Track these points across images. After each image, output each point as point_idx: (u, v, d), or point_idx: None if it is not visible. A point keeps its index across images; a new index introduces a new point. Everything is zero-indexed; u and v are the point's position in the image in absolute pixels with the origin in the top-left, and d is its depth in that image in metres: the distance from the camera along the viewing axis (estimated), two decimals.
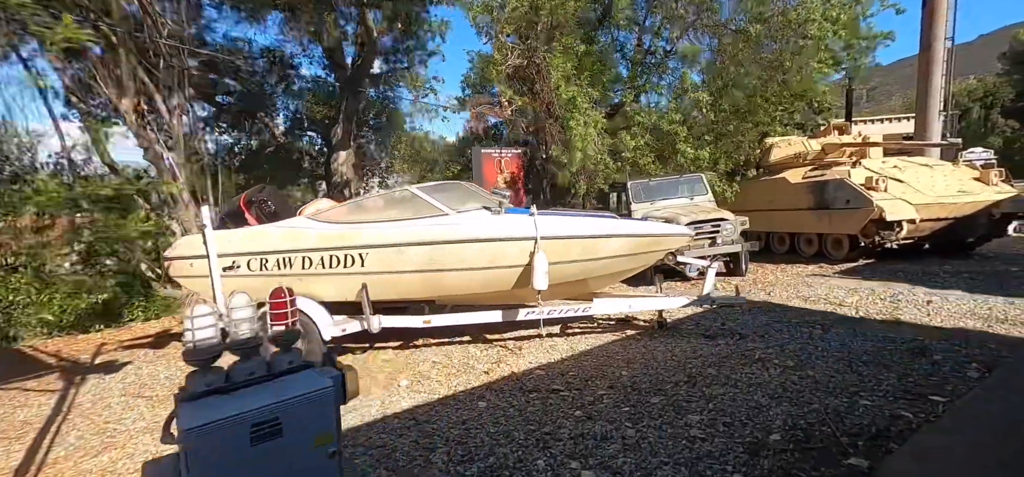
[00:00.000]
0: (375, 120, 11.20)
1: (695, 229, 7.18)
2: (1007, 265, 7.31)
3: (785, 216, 9.39)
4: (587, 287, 4.81)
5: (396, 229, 4.19)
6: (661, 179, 8.65)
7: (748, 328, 4.91)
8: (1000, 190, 7.74)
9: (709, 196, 8.39)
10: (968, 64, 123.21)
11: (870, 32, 15.53)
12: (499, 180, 9.11)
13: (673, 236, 4.56)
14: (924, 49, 11.17)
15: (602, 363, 4.18)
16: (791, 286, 6.86)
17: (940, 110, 11.11)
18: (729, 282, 7.41)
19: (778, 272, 8.05)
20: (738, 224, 7.29)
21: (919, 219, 7.45)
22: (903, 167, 8.35)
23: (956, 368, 3.60)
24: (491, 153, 9.02)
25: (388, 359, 4.54)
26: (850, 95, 18.61)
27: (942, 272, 6.98)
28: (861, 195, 7.64)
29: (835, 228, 8.26)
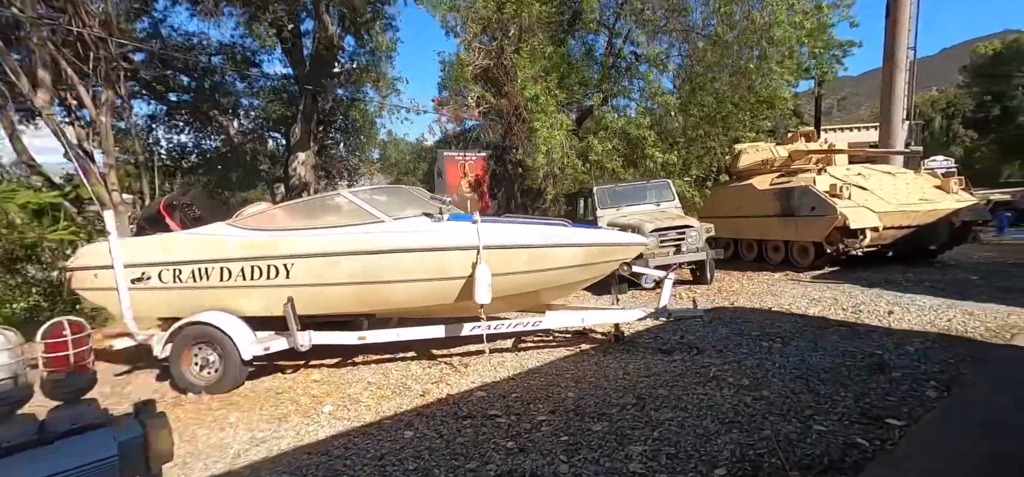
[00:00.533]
0: (343, 121, 10.74)
1: (659, 236, 6.99)
2: (967, 273, 7.33)
3: (752, 223, 9.32)
4: (540, 299, 4.52)
5: (326, 237, 3.82)
6: (627, 184, 8.46)
7: (707, 342, 4.69)
8: (960, 198, 7.78)
9: (676, 202, 8.23)
10: (931, 76, 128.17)
11: (832, 40, 15.81)
12: (463, 184, 8.79)
13: (628, 245, 4.31)
14: (887, 59, 11.33)
15: (549, 382, 3.89)
16: (756, 295, 6.72)
17: (903, 119, 11.27)
18: (693, 290, 7.24)
19: (744, 280, 7.92)
20: (703, 231, 7.13)
21: (882, 227, 7.42)
22: (867, 175, 8.36)
23: (914, 387, 3.42)
24: (455, 156, 8.69)
25: (319, 380, 4.15)
26: (819, 103, 18.94)
27: (904, 280, 6.94)
28: (825, 202, 7.58)
29: (801, 235, 8.20)
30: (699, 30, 9.19)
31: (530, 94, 7.90)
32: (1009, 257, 8.82)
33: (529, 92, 7.91)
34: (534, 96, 7.82)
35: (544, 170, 8.85)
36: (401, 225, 3.88)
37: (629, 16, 9.20)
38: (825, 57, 17.17)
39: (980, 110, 47.81)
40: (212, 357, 3.82)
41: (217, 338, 3.76)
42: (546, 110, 7.76)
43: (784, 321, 5.27)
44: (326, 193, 4.20)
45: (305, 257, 3.77)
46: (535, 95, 7.57)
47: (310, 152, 9.93)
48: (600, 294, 6.94)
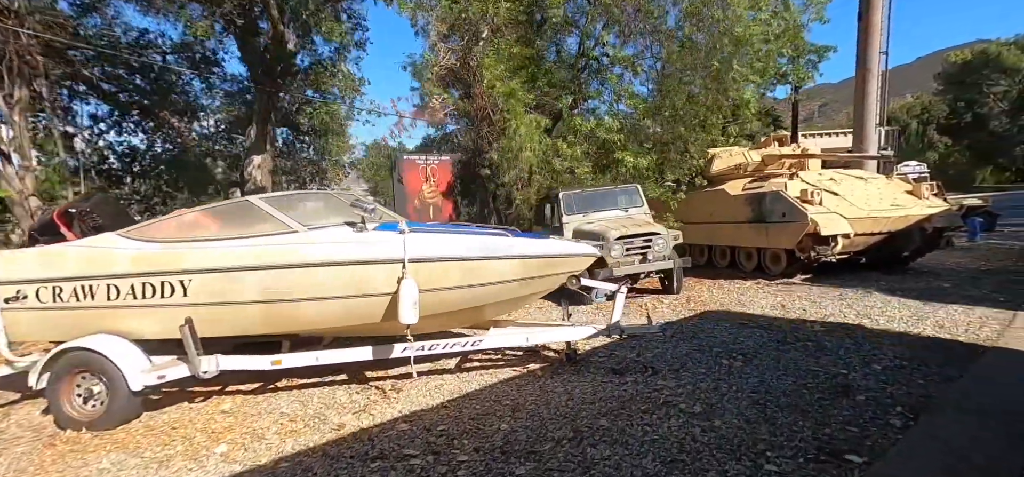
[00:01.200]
0: (309, 123, 10.24)
1: (624, 244, 6.67)
2: (940, 280, 7.15)
3: (725, 229, 9.07)
4: (484, 315, 4.13)
5: (229, 250, 3.38)
6: (595, 190, 8.13)
7: (665, 360, 4.35)
8: (932, 204, 7.62)
9: (645, 208, 7.93)
10: (906, 83, 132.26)
11: (806, 45, 15.80)
12: (425, 190, 8.37)
13: (576, 256, 3.94)
14: (860, 64, 11.26)
15: (485, 410, 3.49)
16: (724, 305, 6.42)
17: (877, 124, 11.20)
18: (661, 300, 6.93)
19: (715, 288, 7.64)
20: (670, 238, 6.83)
21: (854, 234, 7.21)
22: (839, 180, 8.17)
23: (879, 414, 3.11)
24: (417, 160, 8.28)
25: (228, 410, 3.69)
26: (796, 109, 18.98)
27: (876, 288, 6.71)
28: (796, 208, 7.35)
29: (772, 242, 7.96)
30: (670, 31, 8.93)
31: (505, 91, 7.52)
32: (981, 262, 8.71)
33: (502, 89, 7.54)
34: (511, 92, 7.44)
35: (515, 174, 8.49)
36: (317, 236, 3.45)
37: (597, 18, 8.91)
38: (801, 63, 17.27)
39: (954, 117, 49.07)
40: (97, 388, 3.34)
41: (101, 366, 3.28)
42: (515, 112, 7.39)
43: (748, 335, 4.96)
44: (233, 199, 3.74)
45: (204, 272, 3.32)
46: (511, 91, 7.18)
47: (267, 155, 9.42)
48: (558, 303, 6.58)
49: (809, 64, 17.12)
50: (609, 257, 6.61)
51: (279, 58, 8.31)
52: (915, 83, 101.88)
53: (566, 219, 7.64)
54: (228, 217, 3.64)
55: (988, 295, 6.03)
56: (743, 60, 8.31)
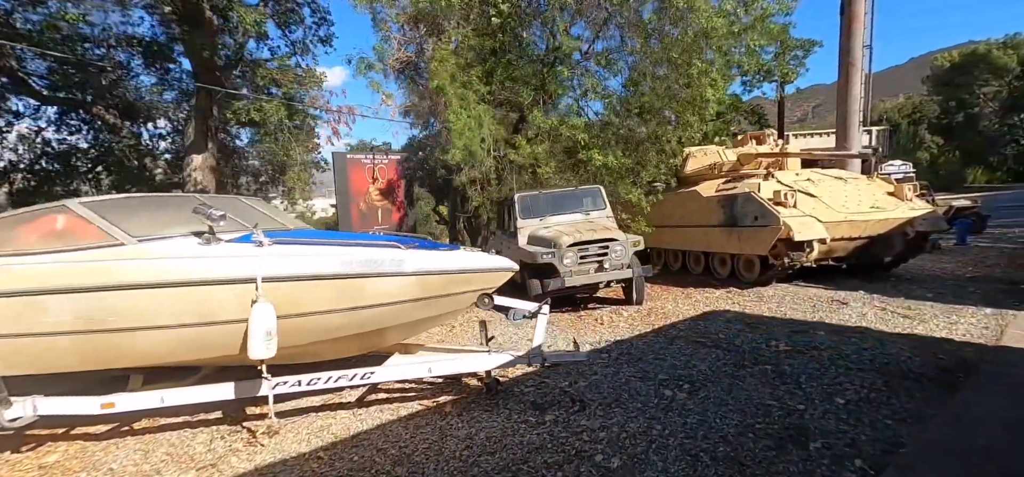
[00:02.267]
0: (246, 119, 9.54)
1: (578, 252, 6.05)
2: (923, 288, 6.58)
3: (697, 233, 8.48)
4: (383, 340, 3.49)
5: (33, 266, 2.73)
6: (554, 191, 7.51)
7: (599, 390, 3.73)
8: (914, 206, 7.06)
9: (608, 211, 7.32)
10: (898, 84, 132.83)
11: (790, 40, 15.30)
12: (372, 191, 7.73)
13: (487, 272, 3.32)
14: (843, 58, 10.72)
15: (363, 463, 2.86)
16: (686, 319, 5.81)
17: (860, 121, 10.66)
18: (620, 313, 6.31)
19: (682, 298, 7.04)
20: (630, 245, 6.21)
21: (829, 238, 6.63)
22: (816, 180, 7.59)
23: (834, 465, 2.51)
24: (362, 160, 7.62)
25: (50, 464, 3.04)
26: (782, 105, 18.49)
27: (853, 299, 6.13)
28: (768, 211, 6.76)
29: (744, 247, 7.37)
30: (637, 20, 8.32)
31: (443, 79, 6.90)
32: (968, 268, 8.16)
33: (441, 78, 6.91)
34: (447, 80, 6.81)
35: (466, 174, 7.87)
36: (150, 249, 2.80)
37: (556, 7, 8.28)
38: (787, 58, 16.77)
39: (945, 117, 48.96)
40: None
41: None
42: (451, 103, 6.75)
43: (704, 357, 4.35)
44: (46, 204, 3.08)
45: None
46: (440, 86, 6.54)
47: (208, 154, 8.74)
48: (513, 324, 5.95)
49: (795, 60, 16.64)
50: (561, 266, 6.00)
51: (213, 49, 7.63)
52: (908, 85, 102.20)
53: (521, 223, 7.02)
54: (39, 225, 2.98)
55: (972, 308, 5.46)
56: (706, 54, 7.68)
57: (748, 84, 17.62)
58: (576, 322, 6.02)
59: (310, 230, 3.51)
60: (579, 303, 6.97)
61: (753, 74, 15.56)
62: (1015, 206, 20.60)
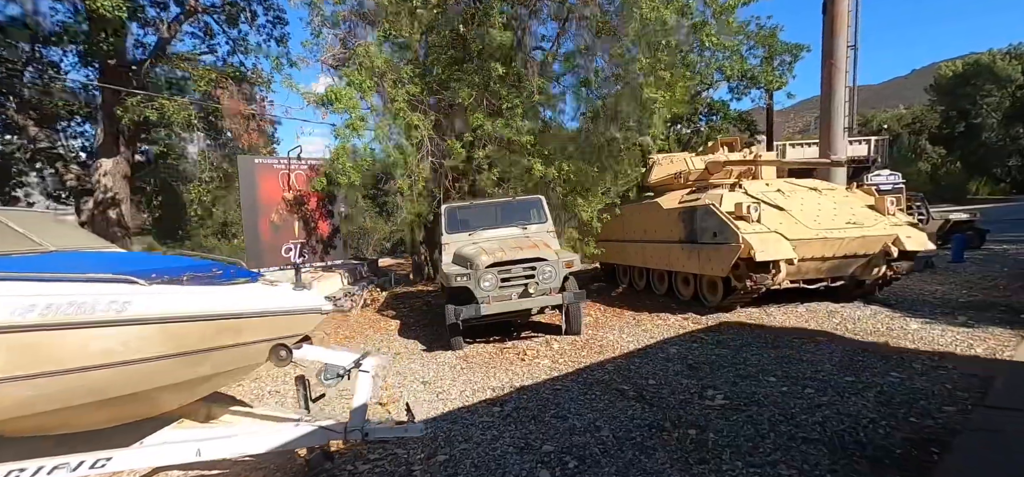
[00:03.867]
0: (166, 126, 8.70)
1: (497, 273, 5.18)
2: (905, 318, 5.66)
3: (659, 250, 7.61)
4: (145, 409, 2.58)
5: None
6: (486, 202, 6.68)
7: (460, 467, 2.85)
8: (897, 221, 6.17)
9: (549, 224, 6.46)
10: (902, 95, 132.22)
11: (778, 45, 14.48)
12: (286, 200, 6.89)
13: (280, 315, 2.45)
14: (826, 59, 9.89)
15: None
16: (623, 354, 4.93)
17: (845, 126, 9.80)
18: (553, 343, 5.42)
19: (630, 327, 6.15)
20: (562, 265, 5.34)
21: (797, 259, 5.75)
22: (788, 192, 6.72)
23: None
24: (274, 164, 6.78)
25: None
26: (770, 113, 17.65)
27: (820, 332, 5.24)
28: (728, 227, 5.89)
29: (705, 267, 6.49)
30: (593, 17, 7.50)
31: (349, 76, 6.09)
32: (963, 291, 7.24)
33: (349, 75, 6.09)
34: (351, 83, 5.99)
35: (401, 182, 7.04)
36: None
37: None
38: (775, 64, 15.96)
39: (946, 127, 48.01)
40: None
41: None
42: (347, 98, 5.89)
43: (614, 415, 3.47)
44: None
45: None
46: (351, 81, 5.68)
47: (120, 159, 7.95)
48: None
49: (783, 66, 15.82)
50: (477, 290, 5.14)
51: (113, 48, 6.84)
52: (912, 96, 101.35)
53: (447, 238, 6.17)
54: None
55: (963, 343, 4.56)
56: (653, 51, 6.81)
57: (736, 92, 16.83)
58: (495, 357, 5.14)
59: (65, 254, 2.66)
60: (512, 331, 6.10)
61: (737, 80, 14.73)
62: (1018, 219, 19.62)
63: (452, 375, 4.58)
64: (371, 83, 6.48)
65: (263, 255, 6.84)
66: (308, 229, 6.99)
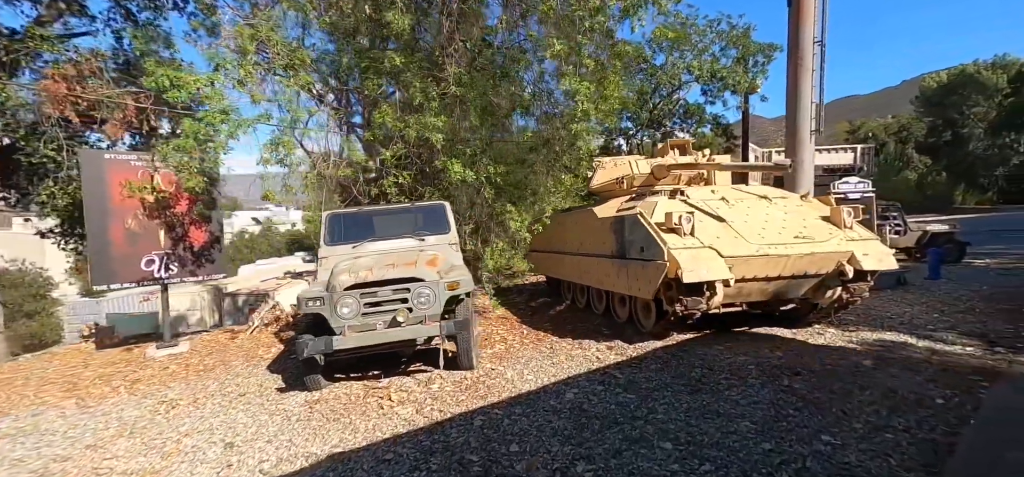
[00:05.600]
0: None
1: (363, 297, 4.23)
2: (859, 353, 4.77)
3: (593, 265, 6.69)
4: None
5: None
6: (376, 209, 5.75)
7: None
8: (853, 236, 5.29)
9: (452, 236, 5.51)
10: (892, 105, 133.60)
11: (751, 45, 13.70)
12: (146, 203, 5.89)
13: None
14: (792, 56, 9.06)
15: None
16: (508, 400, 3.98)
17: (812, 129, 8.96)
18: (431, 382, 4.46)
19: (545, 358, 5.21)
20: (444, 288, 4.37)
21: (734, 279, 4.85)
22: (734, 200, 5.83)
23: None
24: (130, 160, 5.76)
25: None
26: (746, 117, 16.84)
27: (756, 367, 4.32)
28: (655, 242, 4.98)
29: (632, 287, 5.58)
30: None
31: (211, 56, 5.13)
32: (936, 312, 6.39)
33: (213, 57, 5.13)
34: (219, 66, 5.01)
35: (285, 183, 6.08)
36: None
37: None
38: (749, 65, 15.18)
39: (932, 136, 47.83)
40: None
41: None
42: (211, 89, 4.92)
43: None
44: None
45: None
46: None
47: None
48: None
49: (756, 67, 15.04)
50: (334, 318, 4.18)
51: None
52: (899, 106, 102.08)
53: (325, 251, 5.21)
54: None
55: (921, 392, 3.66)
56: (571, 34, 5.87)
57: (709, 95, 16.04)
58: (352, 402, 4.16)
59: None
60: (400, 363, 5.13)
61: (708, 81, 13.92)
62: (1003, 230, 18.95)
63: (277, 430, 3.60)
64: (250, 70, 5.52)
65: (115, 269, 5.82)
66: (176, 238, 5.99)
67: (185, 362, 5.64)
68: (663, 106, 14.88)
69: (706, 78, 13.42)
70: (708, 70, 13.07)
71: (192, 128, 4.77)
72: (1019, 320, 5.83)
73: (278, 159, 5.83)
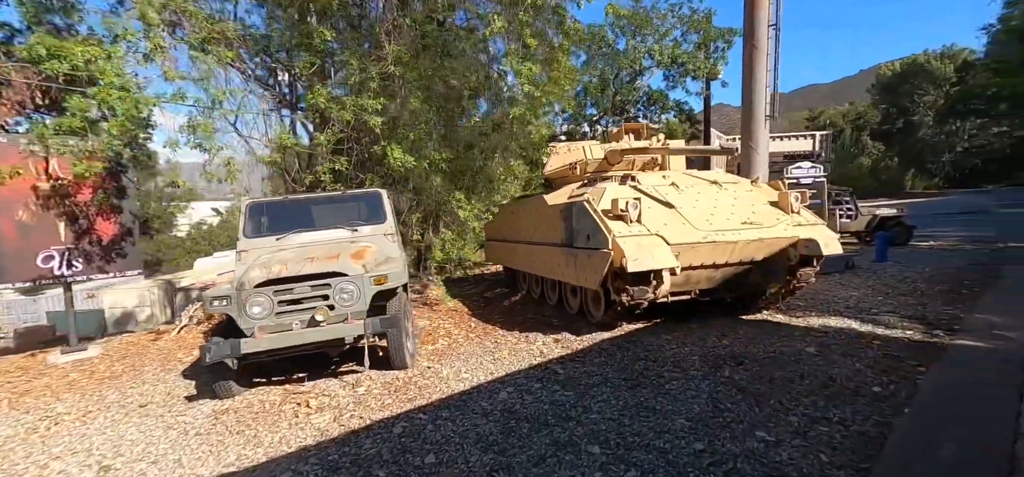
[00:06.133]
0: None
1: (275, 296, 3.83)
2: (805, 338, 4.71)
3: (544, 253, 6.45)
4: None
5: None
6: (303, 197, 5.30)
7: None
8: (800, 220, 5.21)
9: (388, 226, 5.14)
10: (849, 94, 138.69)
11: (711, 30, 13.68)
12: (42, 191, 5.25)
13: None
14: (747, 40, 8.99)
15: None
16: (438, 402, 3.69)
17: (767, 114, 8.94)
18: (359, 384, 4.12)
19: (487, 354, 4.94)
20: (370, 283, 4.02)
21: (680, 267, 4.69)
22: (684, 186, 5.66)
23: None
24: (20, 145, 5.07)
25: None
26: (707, 103, 16.91)
27: (693, 368, 4.17)
28: (600, 230, 4.76)
29: (580, 276, 5.36)
30: None
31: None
32: (880, 295, 6.47)
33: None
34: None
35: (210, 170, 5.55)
36: None
37: None
38: (711, 49, 15.18)
39: (885, 123, 49.94)
40: None
41: None
42: (99, 72, 4.32)
43: None
44: None
45: None
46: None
47: None
48: None
49: (717, 53, 15.05)
50: (242, 318, 3.77)
51: None
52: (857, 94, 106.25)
53: (245, 244, 4.75)
54: None
55: (859, 381, 3.58)
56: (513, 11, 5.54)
57: (672, 80, 16.01)
58: (268, 409, 3.79)
59: None
60: (330, 364, 4.76)
61: (668, 66, 13.83)
62: (948, 213, 19.88)
63: (168, 448, 3.20)
64: (160, 42, 4.93)
65: (5, 266, 5.19)
66: (80, 231, 5.37)
67: (91, 369, 5.08)
68: (626, 92, 14.72)
69: (667, 63, 13.32)
70: (669, 55, 12.96)
71: (78, 105, 4.19)
72: (957, 301, 5.94)
73: (196, 143, 5.29)
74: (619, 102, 15.12)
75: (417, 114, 6.13)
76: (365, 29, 6.23)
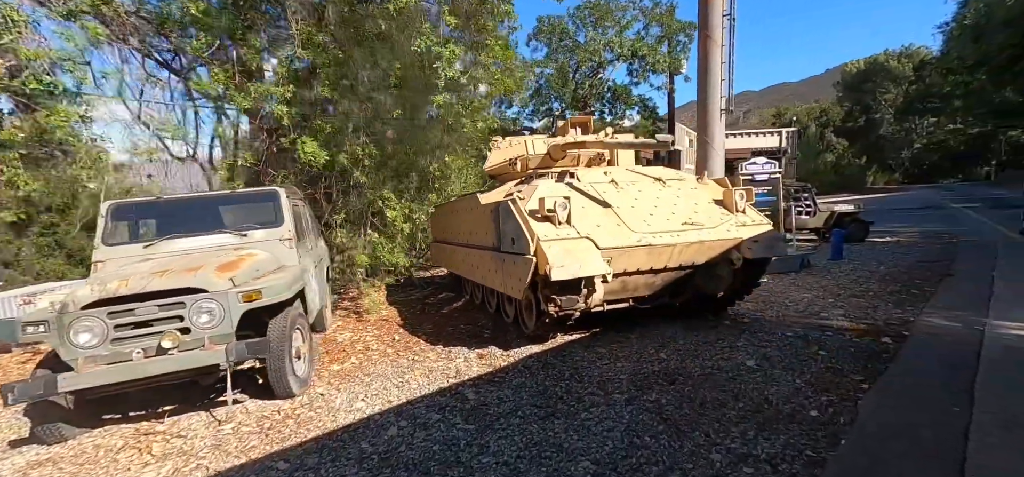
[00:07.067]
0: None
1: (110, 319, 3.15)
2: (746, 350, 4.29)
3: (476, 258, 5.90)
4: None
5: None
6: (179, 198, 4.60)
7: None
8: (744, 221, 4.80)
9: (286, 229, 4.47)
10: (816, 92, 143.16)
11: (674, 23, 13.36)
12: None
13: None
14: (702, 30, 8.63)
15: None
16: (311, 441, 3.09)
17: (723, 107, 8.61)
18: (233, 415, 3.47)
19: (399, 374, 4.35)
20: (236, 300, 3.36)
21: (612, 274, 4.20)
22: (623, 183, 5.19)
23: None
24: None
25: None
26: (672, 97, 16.67)
27: (618, 391, 3.69)
28: (524, 233, 4.23)
29: (507, 284, 4.83)
30: None
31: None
32: (832, 296, 6.17)
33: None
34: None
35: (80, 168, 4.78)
36: None
37: None
38: (674, 43, 14.89)
39: (849, 119, 51.41)
40: None
41: None
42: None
43: None
44: None
45: None
46: None
47: None
48: None
49: (680, 47, 14.77)
50: (65, 348, 3.08)
51: None
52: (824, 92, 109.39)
53: (104, 253, 4.03)
54: None
55: (799, 400, 3.16)
56: None
57: (634, 74, 15.66)
58: (102, 458, 3.12)
59: None
60: (212, 392, 4.09)
61: (629, 59, 13.46)
62: (906, 209, 20.28)
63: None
64: (11, 14, 4.14)
65: None
66: None
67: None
68: (588, 86, 14.30)
69: (627, 56, 12.93)
70: (630, 48, 12.57)
71: None
72: (907, 302, 5.68)
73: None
74: (581, 96, 14.68)
75: (334, 103, 5.47)
76: (273, 10, 5.52)
